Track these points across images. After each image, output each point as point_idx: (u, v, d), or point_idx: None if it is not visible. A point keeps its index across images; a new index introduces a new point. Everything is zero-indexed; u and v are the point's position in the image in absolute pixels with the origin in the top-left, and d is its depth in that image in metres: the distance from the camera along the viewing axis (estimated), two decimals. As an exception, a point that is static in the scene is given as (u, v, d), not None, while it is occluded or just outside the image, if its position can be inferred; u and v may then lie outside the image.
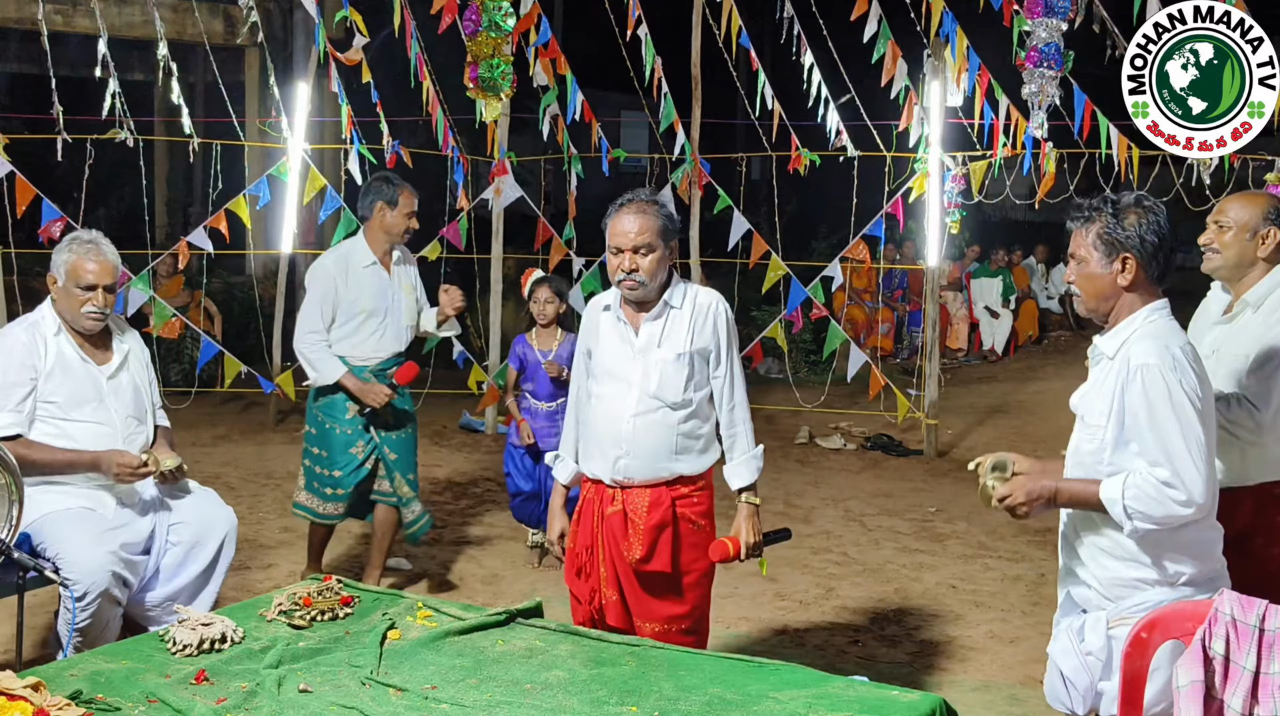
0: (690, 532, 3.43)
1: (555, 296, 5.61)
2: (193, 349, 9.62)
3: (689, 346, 3.38)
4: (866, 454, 8.75)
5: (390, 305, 5.02)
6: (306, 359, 4.96)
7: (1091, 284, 2.87)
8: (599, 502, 3.43)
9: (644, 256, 3.31)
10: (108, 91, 7.66)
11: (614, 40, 8.69)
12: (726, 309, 3.47)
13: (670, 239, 3.37)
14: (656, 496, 3.37)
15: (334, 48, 8.31)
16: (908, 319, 13.13)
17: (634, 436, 3.35)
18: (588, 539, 3.45)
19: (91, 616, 3.58)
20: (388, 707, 2.58)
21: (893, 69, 8.41)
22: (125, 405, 3.95)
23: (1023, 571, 5.83)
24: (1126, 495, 2.73)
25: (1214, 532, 2.86)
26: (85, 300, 3.83)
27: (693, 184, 8.73)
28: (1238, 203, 3.51)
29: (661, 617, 3.41)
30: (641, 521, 3.36)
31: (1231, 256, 3.46)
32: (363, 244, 5.01)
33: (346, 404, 4.96)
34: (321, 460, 5.01)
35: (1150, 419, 2.72)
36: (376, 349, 5.00)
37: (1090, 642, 2.85)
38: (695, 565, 3.44)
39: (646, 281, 3.33)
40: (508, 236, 9.23)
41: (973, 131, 8.49)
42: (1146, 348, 2.76)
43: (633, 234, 3.30)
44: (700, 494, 3.45)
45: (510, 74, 7.81)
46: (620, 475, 3.38)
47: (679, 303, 3.41)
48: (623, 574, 3.40)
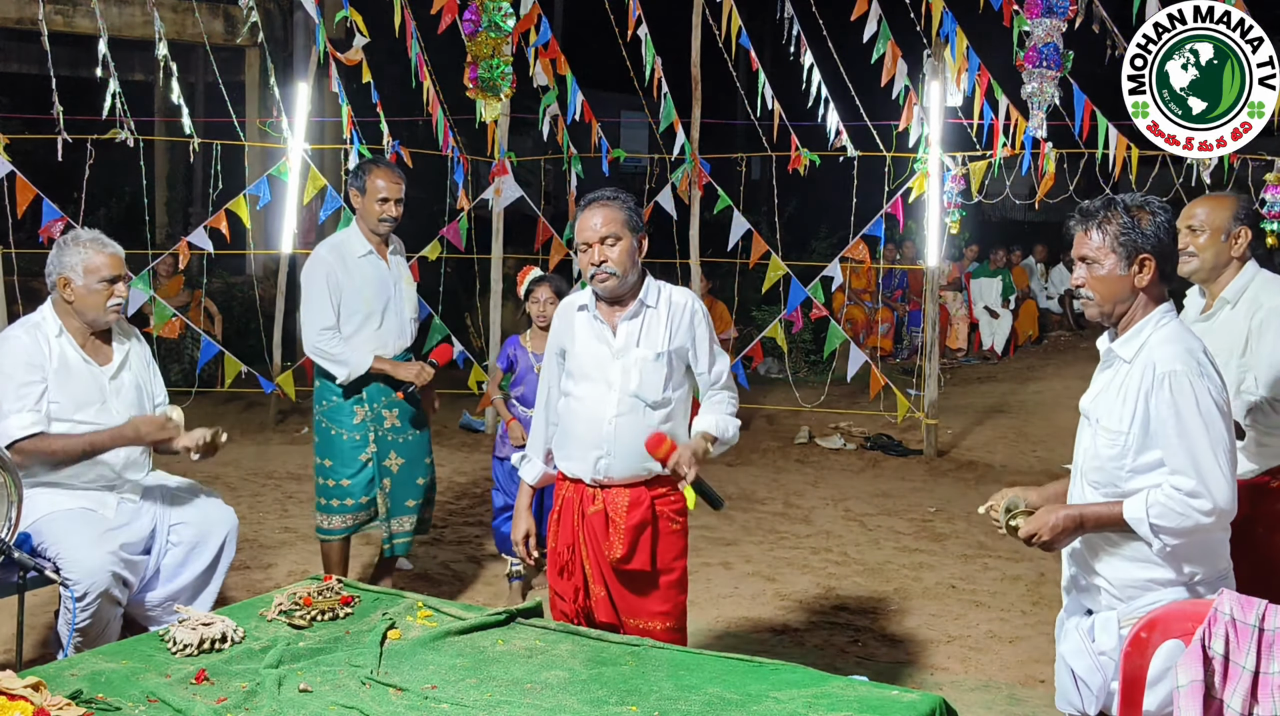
0: (669, 531, 3.43)
1: (555, 296, 5.15)
2: (193, 349, 9.63)
3: (667, 345, 3.39)
4: (866, 454, 8.76)
5: (392, 294, 4.74)
6: (327, 357, 4.62)
7: (1107, 286, 2.84)
8: (579, 502, 3.43)
9: (611, 246, 3.33)
10: (108, 91, 7.67)
11: (614, 40, 8.69)
12: (701, 306, 3.49)
13: (637, 231, 3.38)
14: (636, 496, 3.38)
15: (334, 48, 8.31)
16: (907, 319, 13.14)
17: (615, 437, 3.34)
18: (569, 537, 3.45)
19: (91, 616, 3.58)
20: (388, 707, 2.58)
21: (893, 69, 8.41)
22: (128, 405, 3.95)
23: (1023, 571, 5.83)
24: (1151, 513, 2.72)
25: (1224, 532, 2.86)
26: (109, 294, 3.85)
27: (693, 184, 8.73)
28: (1205, 205, 3.56)
29: (644, 614, 3.41)
30: (622, 521, 3.36)
31: (1208, 258, 3.52)
32: (356, 233, 4.74)
33: (354, 408, 4.69)
34: (327, 470, 4.74)
35: (1179, 426, 2.71)
36: (381, 346, 4.69)
37: (1103, 642, 2.85)
38: (675, 564, 3.44)
39: (617, 272, 3.33)
40: (508, 236, 9.23)
41: (972, 131, 8.49)
42: (1171, 353, 2.75)
43: (598, 226, 3.33)
44: (678, 493, 3.45)
45: (510, 74, 7.82)
46: (600, 475, 3.38)
47: (654, 302, 3.42)
48: (606, 572, 3.41)
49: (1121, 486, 2.83)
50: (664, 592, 3.42)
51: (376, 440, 4.72)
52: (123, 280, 3.89)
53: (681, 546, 3.46)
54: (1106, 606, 2.89)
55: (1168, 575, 2.80)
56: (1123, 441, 2.81)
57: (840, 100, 8.68)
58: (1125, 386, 2.82)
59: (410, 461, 4.82)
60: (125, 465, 3.92)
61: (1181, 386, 2.71)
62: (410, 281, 4.90)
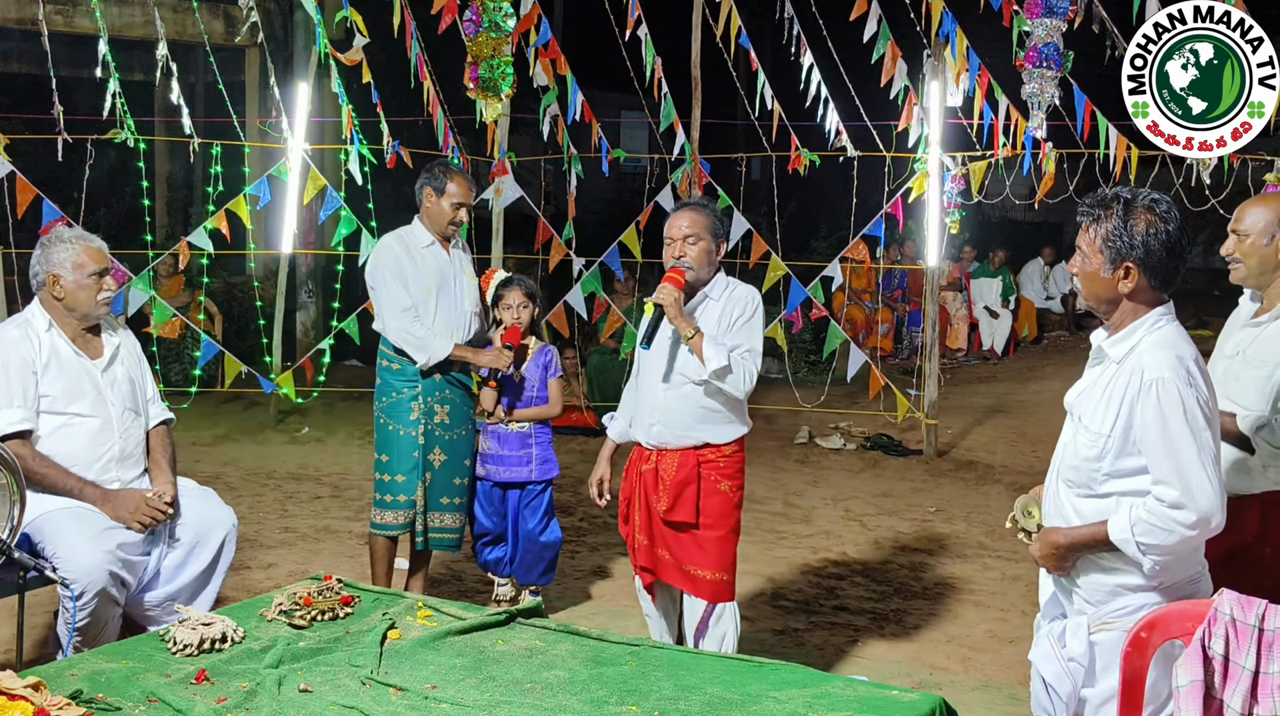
0: (713, 491, 3.84)
1: (528, 300, 4.90)
2: (193, 349, 9.61)
3: (716, 330, 3.80)
4: (866, 454, 8.76)
5: (454, 285, 4.78)
6: (409, 340, 4.65)
7: (1091, 285, 2.81)
8: (639, 461, 3.96)
9: (691, 245, 3.83)
10: (108, 91, 7.67)
11: (614, 40, 8.69)
12: (757, 301, 3.91)
13: (717, 237, 3.90)
14: (684, 458, 3.85)
15: (334, 48, 8.31)
16: (907, 319, 13.14)
17: (665, 407, 3.85)
18: (629, 491, 3.99)
19: (90, 616, 3.58)
20: (388, 707, 2.58)
21: (892, 69, 8.41)
22: (121, 398, 3.96)
23: (1023, 571, 5.83)
24: (1136, 531, 2.66)
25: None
26: (100, 287, 3.89)
27: (693, 184, 8.72)
28: (1251, 208, 3.45)
29: (693, 562, 3.85)
30: (669, 478, 3.84)
31: (1254, 264, 3.40)
32: (420, 227, 4.81)
33: (410, 404, 4.73)
34: (384, 466, 4.76)
35: (1164, 434, 2.65)
36: (442, 337, 4.72)
37: (1072, 648, 2.79)
38: (720, 521, 3.85)
39: (692, 267, 3.82)
40: (508, 236, 9.23)
41: (972, 131, 8.49)
42: (1159, 359, 2.69)
43: (685, 227, 3.84)
44: (726, 459, 3.87)
45: (510, 74, 7.81)
46: (655, 440, 3.89)
47: (718, 295, 3.89)
48: (655, 523, 3.89)
49: (1096, 488, 2.78)
50: (711, 545, 3.85)
51: (425, 433, 4.75)
52: (110, 273, 3.93)
53: (727, 507, 3.87)
54: (1078, 611, 2.84)
55: (1137, 580, 2.75)
56: (1102, 443, 2.75)
57: (840, 100, 8.68)
58: (1111, 388, 2.76)
59: (452, 459, 4.82)
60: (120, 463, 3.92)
61: (1169, 394, 2.64)
62: (471, 275, 4.92)
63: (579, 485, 7.42)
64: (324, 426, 9.11)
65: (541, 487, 4.95)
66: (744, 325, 3.83)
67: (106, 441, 3.90)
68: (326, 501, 6.99)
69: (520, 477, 4.90)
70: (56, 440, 3.83)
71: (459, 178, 4.79)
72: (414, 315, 4.67)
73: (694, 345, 3.74)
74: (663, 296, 3.74)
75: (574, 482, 7.40)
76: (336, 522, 6.50)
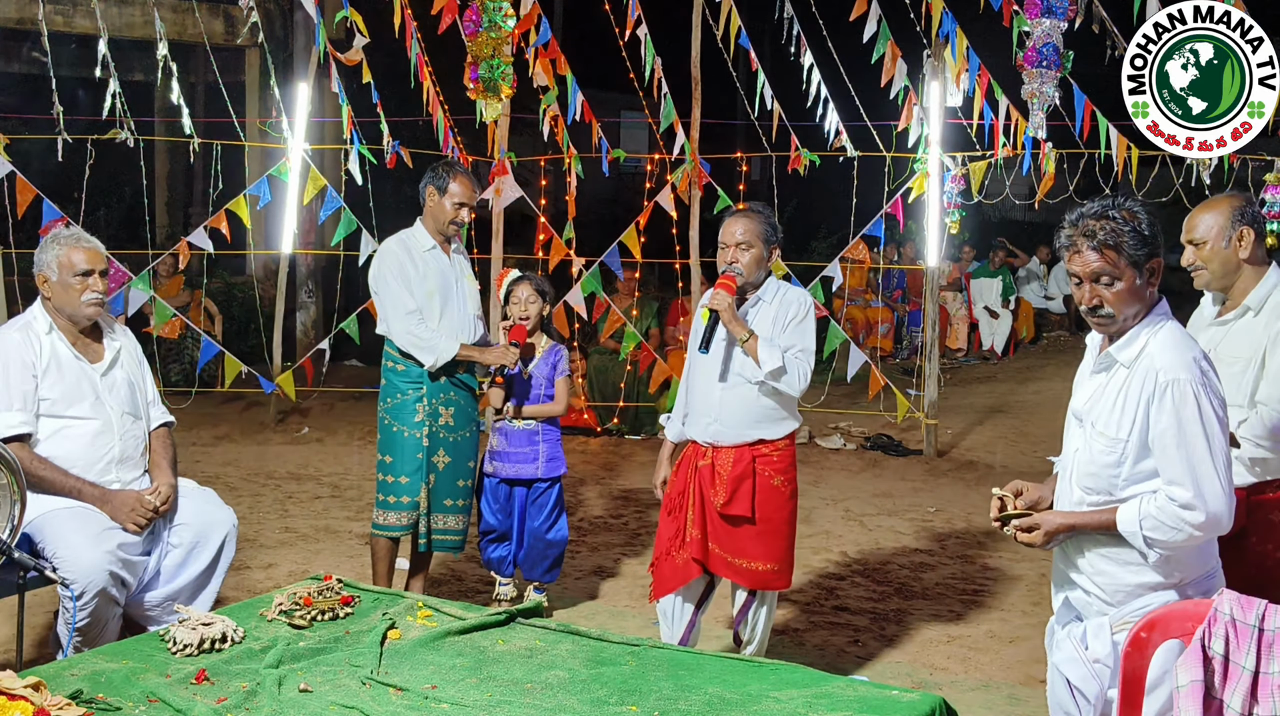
0: (767, 486, 3.98)
1: (538, 295, 4.96)
2: (193, 349, 9.62)
3: (770, 332, 3.91)
4: (866, 454, 8.75)
5: (454, 289, 4.79)
6: (416, 342, 4.66)
7: (1128, 301, 2.77)
8: (694, 457, 4.06)
9: (744, 251, 3.94)
10: (108, 91, 7.67)
11: (614, 40, 8.69)
12: (809, 303, 4.02)
13: (770, 243, 3.98)
14: (740, 454, 3.98)
15: (334, 48, 8.31)
16: (907, 319, 13.14)
17: (721, 407, 3.97)
18: (681, 485, 4.09)
19: (90, 616, 3.58)
20: (388, 707, 2.58)
21: (892, 69, 8.41)
22: (121, 401, 3.95)
23: (1023, 571, 5.83)
24: (1144, 526, 2.69)
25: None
26: (84, 288, 3.85)
27: (693, 184, 8.73)
28: (1199, 215, 3.45)
29: (748, 555, 3.99)
30: (726, 473, 3.96)
31: (1217, 268, 3.42)
32: (421, 229, 4.82)
33: (415, 406, 4.72)
34: (388, 467, 4.76)
35: (1179, 436, 2.67)
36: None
37: (1096, 650, 2.81)
38: (775, 515, 3.99)
39: (743, 272, 3.92)
40: (508, 236, 9.22)
41: (972, 131, 8.49)
42: (1173, 360, 2.70)
43: (738, 233, 3.94)
44: (780, 454, 4.01)
45: (510, 74, 7.81)
46: (711, 438, 4.00)
47: (770, 298, 3.99)
48: (710, 516, 4.00)
49: (1117, 494, 2.80)
50: (766, 538, 3.99)
51: (429, 435, 4.75)
52: (99, 275, 3.87)
53: (780, 500, 4.01)
54: (1098, 612, 2.85)
55: (1157, 579, 2.77)
56: (1121, 448, 2.76)
57: (840, 100, 8.67)
58: (1125, 393, 2.76)
59: (456, 461, 4.82)
60: (120, 465, 3.92)
61: (1185, 395, 2.66)
62: (472, 278, 4.94)
63: (579, 486, 7.42)
64: (324, 426, 9.11)
65: (548, 484, 4.96)
66: (796, 326, 3.94)
67: (105, 444, 3.89)
68: (326, 501, 6.98)
69: (527, 475, 4.90)
70: (55, 443, 3.83)
71: (462, 177, 4.80)
72: (419, 317, 4.68)
73: (749, 348, 3.85)
74: (717, 302, 3.84)
75: (574, 483, 7.40)
76: (336, 522, 6.50)
